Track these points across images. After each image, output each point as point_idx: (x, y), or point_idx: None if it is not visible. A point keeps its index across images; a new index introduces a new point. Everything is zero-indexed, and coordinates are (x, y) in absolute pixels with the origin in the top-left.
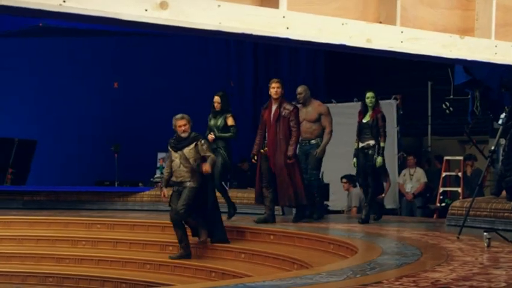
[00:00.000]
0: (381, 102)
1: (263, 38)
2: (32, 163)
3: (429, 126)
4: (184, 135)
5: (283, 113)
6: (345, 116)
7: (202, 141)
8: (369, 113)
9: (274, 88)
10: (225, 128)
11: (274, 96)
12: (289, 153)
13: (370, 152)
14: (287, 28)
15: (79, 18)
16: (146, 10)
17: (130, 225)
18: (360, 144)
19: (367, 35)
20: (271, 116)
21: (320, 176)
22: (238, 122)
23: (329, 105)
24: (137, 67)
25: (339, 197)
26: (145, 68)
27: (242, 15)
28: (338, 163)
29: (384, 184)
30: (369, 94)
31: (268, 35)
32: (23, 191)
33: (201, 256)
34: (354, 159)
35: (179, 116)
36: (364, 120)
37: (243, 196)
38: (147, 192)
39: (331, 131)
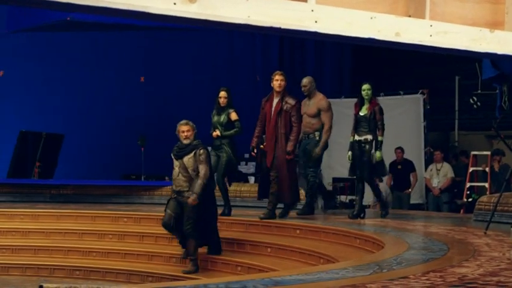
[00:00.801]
0: (408, 96)
1: (291, 31)
2: (59, 157)
3: (456, 121)
4: (186, 141)
5: (285, 107)
6: None
7: (201, 151)
8: (366, 105)
9: (278, 81)
10: (229, 123)
11: (277, 89)
12: (289, 148)
13: (367, 147)
14: (316, 22)
15: (108, 11)
16: (174, 4)
17: (157, 219)
18: (357, 138)
19: (396, 28)
20: (272, 109)
21: (317, 173)
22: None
23: (354, 100)
24: (164, 61)
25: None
26: (171, 62)
27: (271, 9)
28: None
29: (411, 179)
30: (365, 86)
31: (297, 29)
32: (51, 184)
33: (227, 250)
34: (349, 153)
35: (183, 121)
36: (361, 113)
37: None
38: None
39: (330, 128)
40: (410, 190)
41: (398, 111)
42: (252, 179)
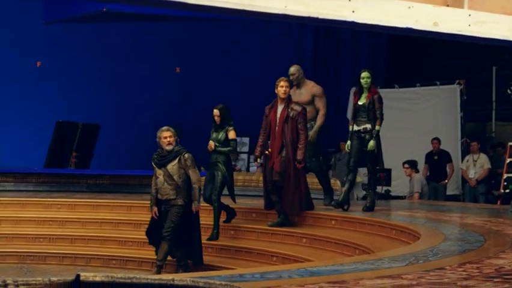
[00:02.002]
0: (445, 87)
1: (328, 21)
2: (95, 147)
3: (493, 112)
4: (168, 147)
5: (291, 114)
6: (406, 102)
7: (186, 156)
8: (365, 94)
9: (283, 87)
10: (226, 141)
11: (282, 96)
12: (299, 157)
13: (367, 136)
14: (353, 11)
15: (146, 2)
16: None
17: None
18: (355, 127)
19: (434, 18)
20: (278, 116)
21: (321, 161)
22: None
23: (390, 90)
24: (199, 52)
25: (400, 182)
26: (206, 53)
27: None
28: (399, 149)
29: (448, 170)
30: (364, 74)
31: (334, 19)
32: (87, 174)
33: (262, 240)
34: (348, 142)
35: (164, 128)
36: (360, 102)
37: None
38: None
39: (325, 114)
40: (446, 181)
41: (434, 102)
42: None
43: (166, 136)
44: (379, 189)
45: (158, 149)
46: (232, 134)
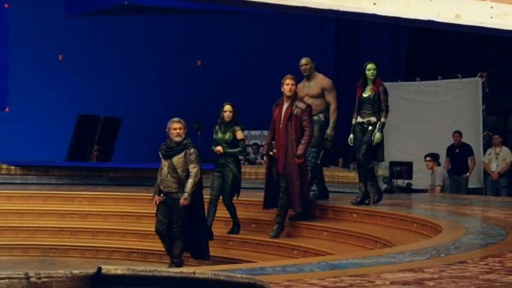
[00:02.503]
0: (466, 80)
1: (349, 14)
2: (116, 140)
3: None
4: (177, 139)
5: (295, 112)
6: (427, 95)
7: (191, 150)
8: (370, 86)
9: (289, 85)
10: (234, 141)
11: (288, 94)
12: (299, 151)
13: (370, 128)
14: (374, 4)
15: None
16: None
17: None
18: (360, 119)
19: (456, 10)
20: (282, 114)
21: (319, 155)
22: None
23: (411, 83)
24: (220, 45)
25: (422, 175)
26: (227, 46)
27: None
28: (420, 142)
29: (469, 163)
30: (370, 66)
31: (355, 11)
32: (109, 167)
33: (283, 233)
34: (351, 136)
35: (175, 119)
36: (364, 95)
37: (324, 174)
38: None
39: (336, 108)
40: (468, 174)
41: (455, 95)
42: None
43: (176, 127)
44: (400, 182)
45: (167, 139)
46: (240, 134)
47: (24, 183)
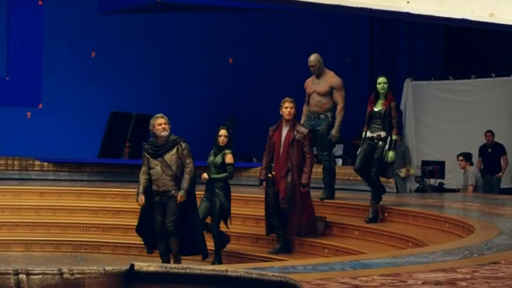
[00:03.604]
0: (500, 79)
1: (383, 12)
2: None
3: None
4: (164, 133)
5: (296, 137)
6: (461, 94)
7: (183, 145)
8: (382, 101)
9: (288, 108)
10: (223, 165)
11: (287, 117)
12: (304, 181)
13: (380, 143)
14: (408, 2)
15: None
16: None
17: (244, 200)
18: (369, 134)
19: (490, 9)
20: (283, 139)
21: (332, 156)
22: (353, 98)
23: (444, 82)
24: (252, 43)
25: (454, 175)
26: (260, 44)
27: None
28: (453, 141)
29: (502, 163)
30: (380, 79)
31: (389, 10)
32: (140, 164)
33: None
34: (360, 149)
35: (159, 115)
36: (376, 109)
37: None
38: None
39: (343, 108)
40: (500, 174)
41: (489, 94)
42: (339, 161)
43: (160, 123)
44: (432, 181)
45: (151, 138)
46: (229, 158)
47: (57, 179)
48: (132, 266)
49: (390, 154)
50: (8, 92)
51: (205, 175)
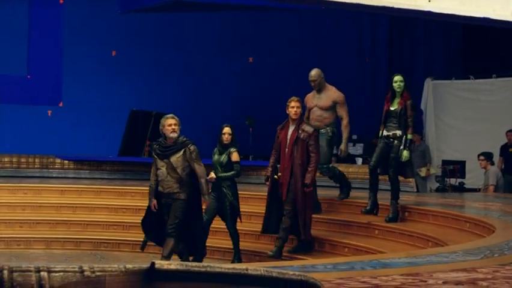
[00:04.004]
0: None
1: (404, 11)
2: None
3: None
4: (173, 135)
5: (301, 136)
6: (481, 93)
7: (191, 148)
8: (398, 99)
9: (294, 108)
10: (229, 164)
11: (293, 117)
12: (308, 181)
13: (396, 142)
14: (429, 1)
15: None
16: None
17: (263, 199)
18: (385, 133)
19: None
20: (288, 138)
21: (330, 167)
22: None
23: (465, 81)
24: (272, 42)
25: (475, 174)
26: (279, 43)
27: None
28: (474, 141)
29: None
30: (397, 78)
31: (410, 8)
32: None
33: (334, 231)
34: (376, 148)
35: (169, 115)
36: (392, 108)
37: None
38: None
39: (349, 122)
40: None
41: (510, 93)
42: (359, 160)
43: (171, 124)
44: (453, 181)
45: (161, 138)
46: (235, 156)
47: (77, 177)
48: (153, 264)
49: (405, 153)
50: (29, 91)
51: (212, 175)
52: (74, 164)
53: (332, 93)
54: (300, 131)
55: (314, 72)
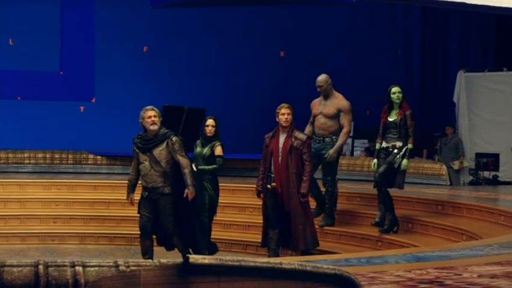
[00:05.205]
0: None
1: (437, 2)
2: (200, 131)
3: None
4: (153, 127)
5: (295, 144)
6: None
7: (174, 139)
8: (396, 110)
9: (284, 115)
10: (211, 157)
11: (284, 124)
12: (304, 190)
13: (395, 151)
14: None
15: None
16: None
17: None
18: (384, 144)
19: None
20: (281, 146)
21: (335, 181)
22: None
23: (498, 73)
24: (303, 36)
25: (509, 167)
26: (311, 37)
27: None
28: (507, 133)
29: None
30: (395, 89)
31: (444, 0)
32: (192, 158)
33: (366, 225)
34: (374, 161)
35: (149, 107)
36: (390, 119)
37: (409, 165)
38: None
39: (348, 132)
40: None
41: None
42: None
43: (150, 116)
44: (486, 174)
45: (141, 132)
46: (219, 150)
47: (110, 173)
48: (187, 258)
49: (404, 162)
50: (62, 87)
51: (193, 167)
52: (107, 159)
53: (337, 101)
54: (293, 139)
55: (321, 77)
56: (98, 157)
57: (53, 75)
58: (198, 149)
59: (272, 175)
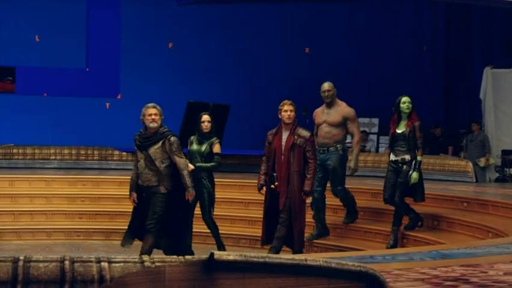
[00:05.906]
0: None
1: None
2: (225, 127)
3: None
4: (153, 125)
5: (297, 141)
6: None
7: (172, 139)
8: (405, 121)
9: (287, 111)
10: (210, 155)
11: (287, 121)
12: (307, 188)
13: (404, 167)
14: None
15: None
16: None
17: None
18: (393, 157)
19: None
20: (283, 144)
21: (345, 188)
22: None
23: None
24: (328, 32)
25: None
26: (335, 33)
27: None
28: None
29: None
30: (405, 99)
31: None
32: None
33: (388, 222)
34: (385, 178)
35: (150, 104)
36: (399, 130)
37: (435, 162)
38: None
39: (360, 139)
40: None
41: None
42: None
43: (151, 113)
44: (506, 171)
45: (141, 129)
46: (217, 148)
47: None
48: (212, 254)
49: (414, 175)
50: (88, 83)
51: (190, 166)
52: (133, 155)
53: (341, 109)
54: (296, 136)
55: (327, 84)
56: (124, 153)
57: (79, 71)
58: (195, 146)
59: (275, 174)
